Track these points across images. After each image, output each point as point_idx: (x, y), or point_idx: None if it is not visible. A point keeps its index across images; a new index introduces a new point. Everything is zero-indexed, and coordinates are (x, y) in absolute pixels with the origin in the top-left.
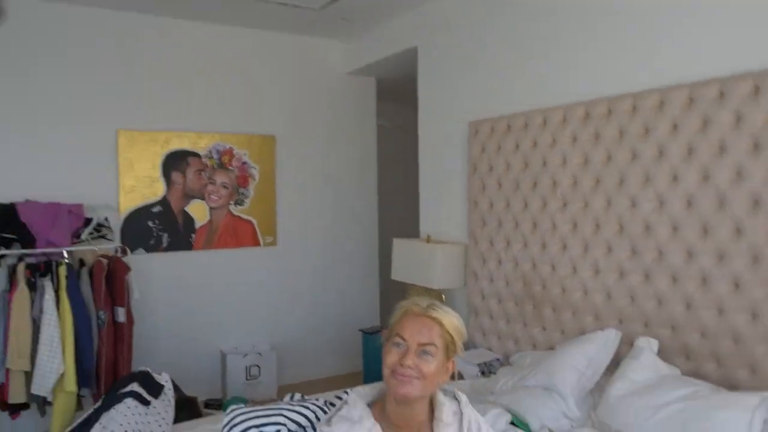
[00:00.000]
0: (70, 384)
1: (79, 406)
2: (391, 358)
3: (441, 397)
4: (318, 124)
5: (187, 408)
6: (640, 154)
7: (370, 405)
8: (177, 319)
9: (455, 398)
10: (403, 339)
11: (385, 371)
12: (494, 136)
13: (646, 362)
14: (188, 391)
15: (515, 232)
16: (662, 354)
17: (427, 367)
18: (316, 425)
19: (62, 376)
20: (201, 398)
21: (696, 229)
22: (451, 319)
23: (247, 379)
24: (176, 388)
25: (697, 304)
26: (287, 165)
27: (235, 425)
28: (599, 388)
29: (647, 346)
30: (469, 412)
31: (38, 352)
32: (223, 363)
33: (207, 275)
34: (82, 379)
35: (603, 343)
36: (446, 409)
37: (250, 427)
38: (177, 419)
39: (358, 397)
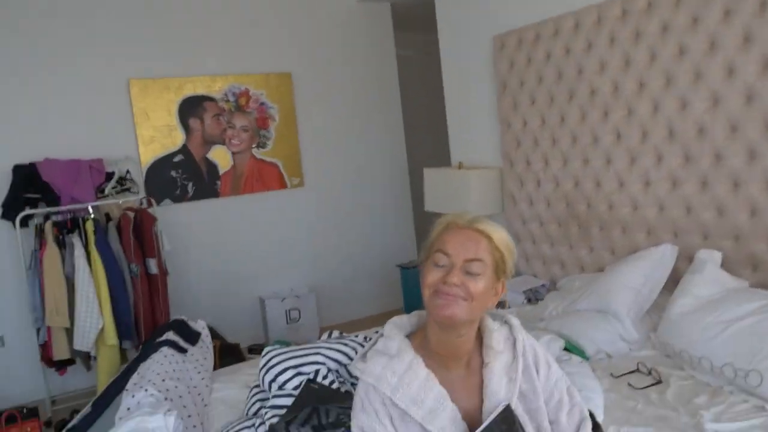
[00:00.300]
0: (111, 337)
1: (124, 358)
2: (432, 277)
3: (490, 323)
4: (334, 56)
5: (231, 354)
6: (689, 48)
7: (409, 336)
8: (212, 268)
9: (506, 323)
10: (446, 255)
11: (426, 292)
12: (522, 48)
13: (710, 276)
14: (231, 339)
15: (553, 149)
16: (725, 267)
17: (475, 286)
18: None
19: (102, 330)
20: (244, 345)
21: (758, 125)
22: (500, 234)
23: (287, 323)
24: (218, 335)
25: (762, 208)
26: (307, 102)
27: (272, 367)
28: (657, 307)
29: (710, 258)
30: (523, 336)
31: (76, 309)
32: (262, 309)
33: (237, 222)
34: (122, 331)
35: (659, 260)
36: (497, 335)
37: (287, 368)
38: (223, 365)
39: (395, 327)
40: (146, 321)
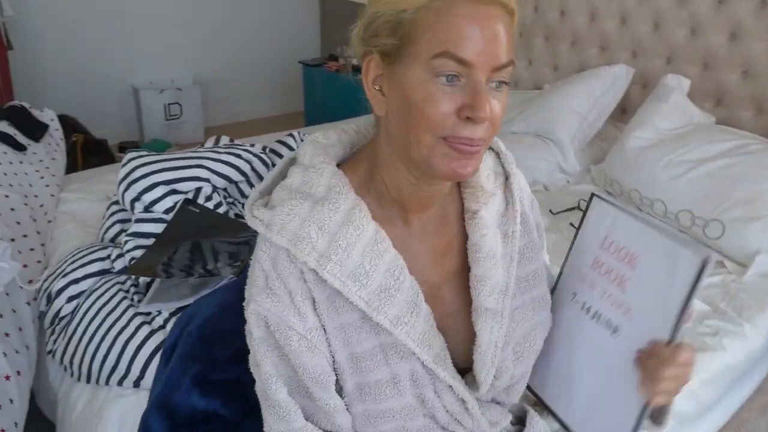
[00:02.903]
0: None
1: None
2: (444, 106)
3: None
4: None
5: (97, 152)
6: None
7: (341, 166)
8: (72, 46)
9: (489, 148)
10: (465, 63)
11: (425, 138)
12: None
13: (676, 106)
14: (98, 134)
15: None
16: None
17: (500, 107)
18: (254, 182)
19: None
20: (113, 141)
21: None
22: None
23: (166, 120)
24: (81, 129)
25: (745, 32)
26: None
27: (135, 181)
28: (599, 137)
29: (677, 86)
30: (519, 173)
31: None
32: (136, 100)
33: None
34: None
35: (611, 82)
36: (483, 167)
37: (156, 184)
38: (86, 165)
39: (319, 150)
40: None
